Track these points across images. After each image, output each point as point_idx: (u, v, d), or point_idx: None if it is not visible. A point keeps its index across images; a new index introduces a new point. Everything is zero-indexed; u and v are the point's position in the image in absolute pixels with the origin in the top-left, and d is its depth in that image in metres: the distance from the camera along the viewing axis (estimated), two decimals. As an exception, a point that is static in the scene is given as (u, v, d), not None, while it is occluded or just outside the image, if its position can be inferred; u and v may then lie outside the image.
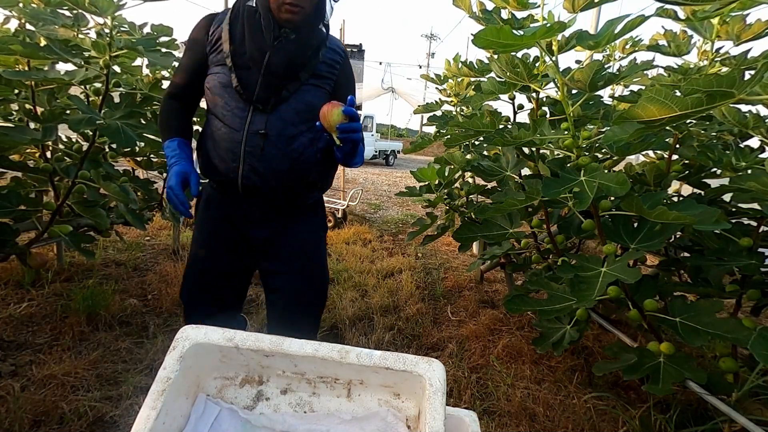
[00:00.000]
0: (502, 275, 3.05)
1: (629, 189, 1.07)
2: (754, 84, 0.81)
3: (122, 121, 1.49)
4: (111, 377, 1.63)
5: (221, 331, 0.59)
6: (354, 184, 8.19)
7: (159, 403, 0.52)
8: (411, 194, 2.15)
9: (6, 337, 1.81)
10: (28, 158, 1.92)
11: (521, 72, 1.39)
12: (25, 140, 1.49)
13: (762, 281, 1.31)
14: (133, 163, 2.37)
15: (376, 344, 2.08)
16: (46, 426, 1.36)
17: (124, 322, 2.05)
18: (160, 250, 3.15)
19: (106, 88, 1.60)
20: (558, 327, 1.66)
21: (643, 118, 0.94)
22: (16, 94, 1.64)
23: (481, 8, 1.51)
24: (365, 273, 3.03)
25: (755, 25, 1.46)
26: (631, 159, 2.53)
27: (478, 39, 0.94)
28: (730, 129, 1.47)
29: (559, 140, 1.32)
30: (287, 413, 0.61)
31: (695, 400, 1.52)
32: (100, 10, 1.44)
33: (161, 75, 2.29)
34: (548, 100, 1.83)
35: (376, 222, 5.05)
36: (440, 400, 0.54)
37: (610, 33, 1.04)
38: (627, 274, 1.10)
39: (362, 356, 0.58)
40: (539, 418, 1.58)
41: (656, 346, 1.29)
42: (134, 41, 1.53)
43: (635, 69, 1.42)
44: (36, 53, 1.40)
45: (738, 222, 1.43)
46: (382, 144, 15.51)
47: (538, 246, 1.98)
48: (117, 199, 1.80)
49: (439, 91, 2.51)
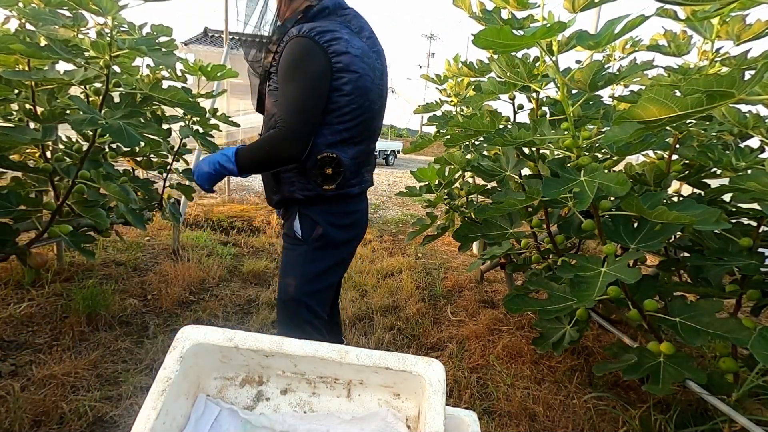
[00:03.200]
0: (502, 275, 3.05)
1: (629, 189, 1.06)
2: (754, 84, 0.81)
3: (123, 121, 1.49)
4: (111, 377, 1.63)
5: (221, 331, 0.59)
6: (354, 184, 8.18)
7: (159, 403, 0.52)
8: (411, 194, 2.15)
9: (6, 337, 1.81)
10: (28, 158, 1.92)
11: (521, 72, 1.39)
12: (25, 140, 1.49)
13: (762, 281, 1.31)
14: (133, 163, 2.37)
15: (376, 344, 2.08)
16: (46, 426, 1.36)
17: (124, 322, 2.05)
18: (160, 250, 3.15)
19: (107, 88, 1.60)
20: (558, 327, 1.66)
21: (643, 118, 0.94)
22: (16, 94, 1.64)
23: (481, 8, 1.51)
24: (365, 273, 3.03)
25: (755, 25, 1.46)
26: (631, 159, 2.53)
27: (478, 39, 0.93)
28: (730, 129, 1.47)
29: (559, 140, 1.32)
30: (287, 413, 0.61)
31: (695, 400, 1.52)
32: (102, 10, 1.44)
33: (161, 75, 2.29)
34: (548, 100, 1.83)
35: (376, 222, 5.05)
36: (440, 400, 0.54)
37: (610, 33, 1.04)
38: (627, 274, 1.10)
39: (362, 356, 0.58)
40: (539, 418, 1.58)
41: (656, 346, 1.29)
42: (136, 41, 1.53)
43: (635, 69, 1.42)
44: (36, 53, 1.40)
45: (738, 222, 1.43)
46: (381, 144, 15.50)
47: (538, 246, 1.98)
48: (117, 199, 1.80)
49: (439, 91, 2.51)
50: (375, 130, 1.33)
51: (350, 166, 1.23)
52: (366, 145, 1.29)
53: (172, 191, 2.63)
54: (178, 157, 2.48)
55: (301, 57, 1.11)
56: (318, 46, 1.11)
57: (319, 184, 1.21)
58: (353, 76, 1.16)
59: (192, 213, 4.27)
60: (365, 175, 1.35)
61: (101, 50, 1.51)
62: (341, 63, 1.14)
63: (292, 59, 1.12)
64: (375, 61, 1.26)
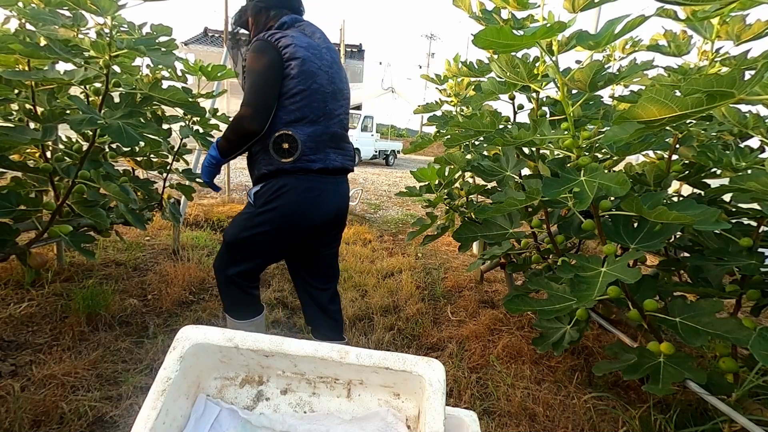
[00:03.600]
0: (502, 275, 3.05)
1: (629, 189, 1.06)
2: (754, 84, 0.81)
3: (123, 121, 1.49)
4: (111, 377, 1.63)
5: (221, 331, 0.59)
6: (354, 184, 8.20)
7: (159, 403, 0.52)
8: (411, 194, 2.15)
9: (6, 337, 1.81)
10: (28, 158, 1.92)
11: (521, 72, 1.39)
12: (25, 140, 1.49)
13: (762, 281, 1.31)
14: (133, 163, 2.37)
15: (376, 344, 2.08)
16: (46, 426, 1.35)
17: (124, 322, 2.05)
18: (160, 250, 3.15)
19: (106, 88, 1.60)
20: (558, 327, 1.66)
21: (643, 118, 0.94)
22: (16, 94, 1.64)
23: (481, 8, 1.51)
24: (365, 273, 3.03)
25: (755, 25, 1.46)
26: (631, 159, 2.53)
27: (478, 39, 0.93)
28: (730, 129, 1.47)
29: (559, 140, 1.32)
30: (287, 413, 0.61)
31: (695, 400, 1.52)
32: (101, 10, 1.44)
33: (161, 75, 2.28)
34: (548, 100, 1.83)
35: (376, 222, 5.05)
36: (440, 400, 0.54)
37: (611, 33, 1.04)
38: (627, 274, 1.10)
39: (362, 356, 0.58)
40: (539, 418, 1.58)
41: (656, 346, 1.29)
42: (135, 41, 1.53)
43: (635, 69, 1.42)
44: (36, 53, 1.40)
45: (738, 222, 1.43)
46: (382, 144, 15.52)
47: (538, 246, 1.98)
48: (117, 199, 1.80)
49: (439, 91, 2.51)
50: (332, 112, 1.51)
51: (306, 142, 1.42)
52: (324, 125, 1.47)
53: (172, 191, 2.63)
54: (178, 157, 2.48)
55: (258, 53, 1.41)
56: (269, 44, 1.41)
57: (279, 158, 1.42)
58: (298, 61, 1.41)
59: (192, 213, 4.27)
60: (330, 155, 1.50)
61: (101, 50, 1.51)
62: (288, 53, 1.40)
63: (251, 56, 1.43)
64: (323, 53, 1.51)
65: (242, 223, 1.50)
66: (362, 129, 13.91)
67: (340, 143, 1.54)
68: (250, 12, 1.62)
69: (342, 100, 1.57)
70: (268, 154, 1.43)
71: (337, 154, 1.52)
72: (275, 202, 1.44)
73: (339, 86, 1.55)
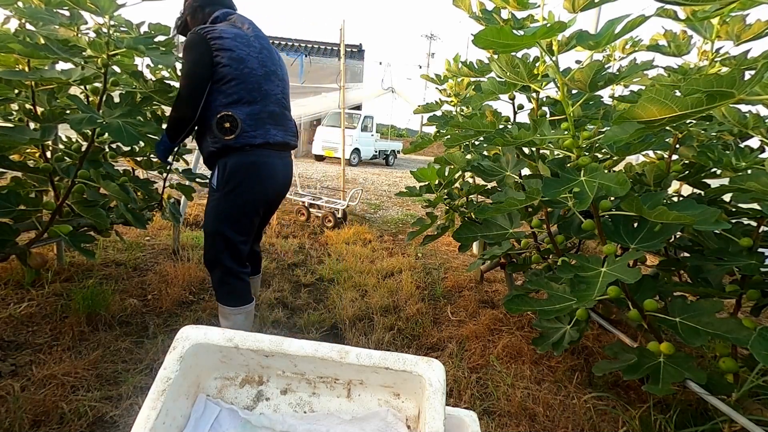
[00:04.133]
0: (502, 275, 3.05)
1: (629, 189, 1.07)
2: (754, 84, 0.81)
3: (122, 120, 1.49)
4: (111, 377, 1.63)
5: (221, 331, 0.59)
6: (354, 184, 8.20)
7: (159, 403, 0.52)
8: (411, 194, 2.15)
9: (6, 337, 1.81)
10: (28, 158, 1.92)
11: (521, 72, 1.39)
12: (25, 140, 1.49)
13: (762, 281, 1.31)
14: (133, 163, 2.36)
15: (376, 344, 2.08)
16: (46, 426, 1.35)
17: (124, 322, 2.05)
18: (160, 250, 3.15)
19: (104, 87, 1.60)
20: (558, 327, 1.66)
21: (643, 118, 0.94)
22: (16, 94, 1.64)
23: (481, 8, 1.51)
24: (365, 273, 3.02)
25: (755, 25, 1.46)
26: (631, 159, 2.53)
27: (478, 39, 0.94)
28: (730, 129, 1.47)
29: (559, 140, 1.32)
30: (287, 413, 0.61)
31: (695, 400, 1.52)
32: (100, 9, 1.44)
33: (160, 75, 2.28)
34: (548, 100, 1.83)
35: (376, 222, 5.05)
36: (440, 400, 0.54)
37: (611, 33, 1.04)
38: (627, 274, 1.10)
39: (362, 356, 0.58)
40: (539, 418, 1.58)
41: (656, 346, 1.29)
42: (135, 40, 1.53)
43: (635, 69, 1.42)
44: (35, 53, 1.40)
45: (738, 222, 1.43)
46: (382, 144, 15.50)
47: (538, 246, 1.98)
48: (117, 199, 1.80)
49: (439, 91, 2.51)
50: (268, 92, 1.67)
51: (246, 120, 1.59)
52: (261, 105, 1.63)
53: (172, 191, 2.63)
54: (178, 157, 2.47)
55: (189, 45, 1.57)
56: (199, 36, 1.56)
57: (222, 136, 1.58)
58: (228, 52, 1.56)
59: (192, 213, 4.27)
60: (271, 130, 1.66)
61: (99, 49, 1.51)
62: (217, 44, 1.55)
63: (184, 50, 1.58)
64: (251, 41, 1.66)
65: (213, 212, 1.67)
66: (362, 129, 13.89)
67: (280, 120, 1.71)
68: (187, 13, 1.81)
69: (277, 81, 1.73)
70: (212, 133, 1.59)
71: (278, 129, 1.69)
72: (232, 182, 1.62)
73: (271, 68, 1.70)
